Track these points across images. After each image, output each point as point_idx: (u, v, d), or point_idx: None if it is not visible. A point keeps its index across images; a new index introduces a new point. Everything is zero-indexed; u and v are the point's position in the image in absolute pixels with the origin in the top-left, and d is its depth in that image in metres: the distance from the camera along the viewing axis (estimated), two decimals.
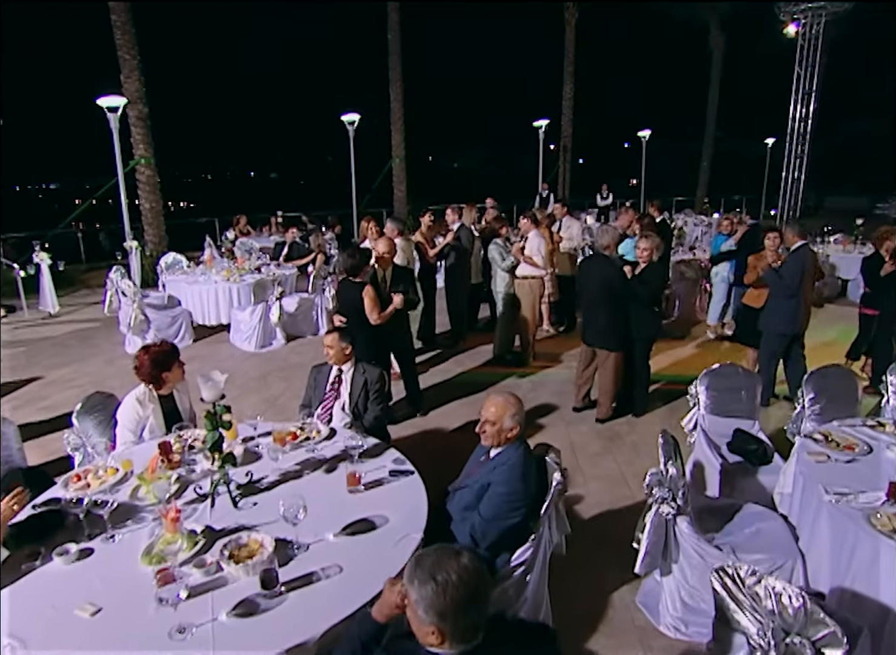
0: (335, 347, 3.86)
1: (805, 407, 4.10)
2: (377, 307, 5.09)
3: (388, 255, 5.38)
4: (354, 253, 5.29)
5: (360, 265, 5.18)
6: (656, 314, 5.52)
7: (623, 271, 5.25)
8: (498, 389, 6.35)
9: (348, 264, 5.23)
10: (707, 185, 23.87)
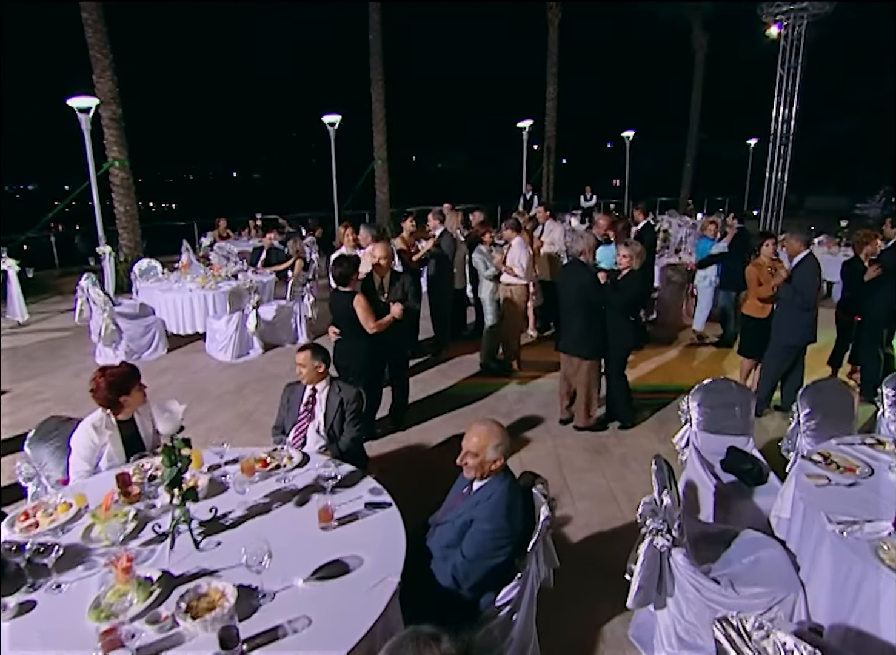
0: (307, 365, 3.64)
1: (800, 423, 3.95)
2: (372, 316, 4.86)
3: (384, 260, 5.20)
4: (341, 261, 5.06)
5: (347, 274, 4.93)
6: (632, 324, 5.30)
7: (597, 277, 5.11)
8: (483, 403, 6.16)
9: (336, 273, 5.00)
10: (691, 186, 23.88)
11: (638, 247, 5.13)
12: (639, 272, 5.19)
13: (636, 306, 5.37)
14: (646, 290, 5.86)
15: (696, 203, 24.28)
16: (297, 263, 8.70)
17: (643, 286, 5.39)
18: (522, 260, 6.69)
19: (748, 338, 5.87)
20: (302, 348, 3.70)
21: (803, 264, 5.35)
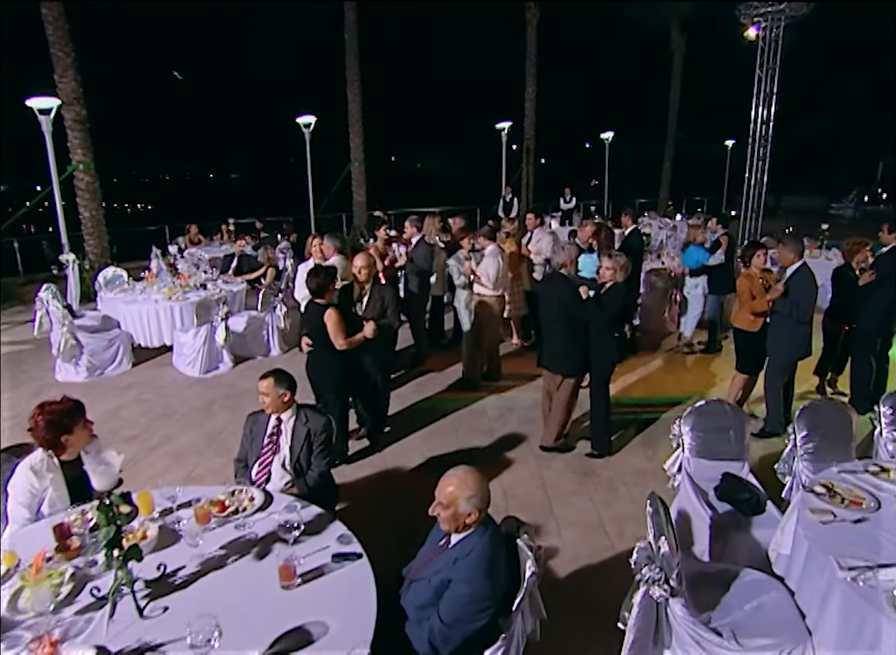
0: (271, 394, 3.35)
1: (797, 446, 3.75)
2: (342, 331, 4.62)
3: (365, 270, 4.92)
4: (318, 272, 4.79)
5: (323, 285, 4.67)
6: (615, 341, 4.97)
7: (578, 292, 4.81)
8: (462, 419, 5.89)
9: (312, 285, 4.76)
10: (669, 186, 23.87)
11: (622, 259, 4.87)
12: (623, 285, 4.92)
13: (620, 321, 5.06)
14: (631, 303, 5.57)
15: (674, 204, 24.32)
16: (270, 271, 8.37)
17: (628, 300, 5.13)
18: (490, 271, 6.38)
19: (743, 353, 5.64)
20: (264, 376, 3.40)
21: (799, 275, 5.13)
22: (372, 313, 4.87)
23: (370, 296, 4.92)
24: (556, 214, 18.85)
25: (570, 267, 4.93)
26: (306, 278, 4.84)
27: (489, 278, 6.36)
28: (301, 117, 14.24)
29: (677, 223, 17.28)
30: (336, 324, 4.59)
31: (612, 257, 4.85)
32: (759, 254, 5.50)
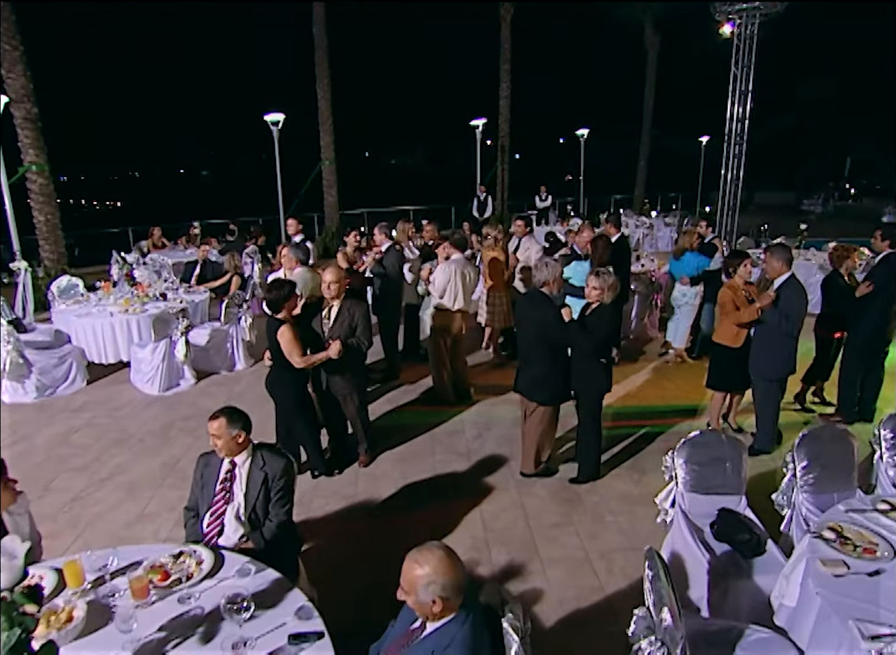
0: (223, 436, 2.99)
1: (797, 476, 3.50)
2: (297, 349, 4.35)
3: (334, 286, 4.54)
4: (276, 285, 4.48)
5: (278, 300, 4.37)
6: (602, 367, 4.57)
7: (561, 314, 4.44)
8: (437, 439, 5.56)
9: (267, 298, 4.46)
10: (645, 184, 23.78)
11: (611, 278, 4.47)
12: (610, 307, 4.54)
13: (607, 346, 4.67)
14: (619, 326, 5.21)
15: (650, 201, 24.26)
16: (234, 279, 7.95)
17: (616, 323, 4.79)
18: (438, 280, 5.96)
19: (719, 370, 5.38)
20: (215, 416, 3.04)
21: (788, 287, 4.89)
22: (339, 330, 4.51)
23: (338, 312, 4.56)
24: (532, 213, 18.64)
25: (552, 286, 4.57)
26: (265, 291, 4.58)
27: (436, 288, 6.01)
28: (269, 115, 13.75)
29: (654, 221, 17.19)
30: (289, 342, 4.31)
31: (599, 276, 4.47)
32: (746, 263, 5.26)
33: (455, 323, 6.09)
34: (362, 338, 4.51)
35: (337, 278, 4.51)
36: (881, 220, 21.19)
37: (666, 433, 5.69)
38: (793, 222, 22.03)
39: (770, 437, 5.26)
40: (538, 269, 4.62)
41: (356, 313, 4.51)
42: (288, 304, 4.41)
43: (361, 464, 4.99)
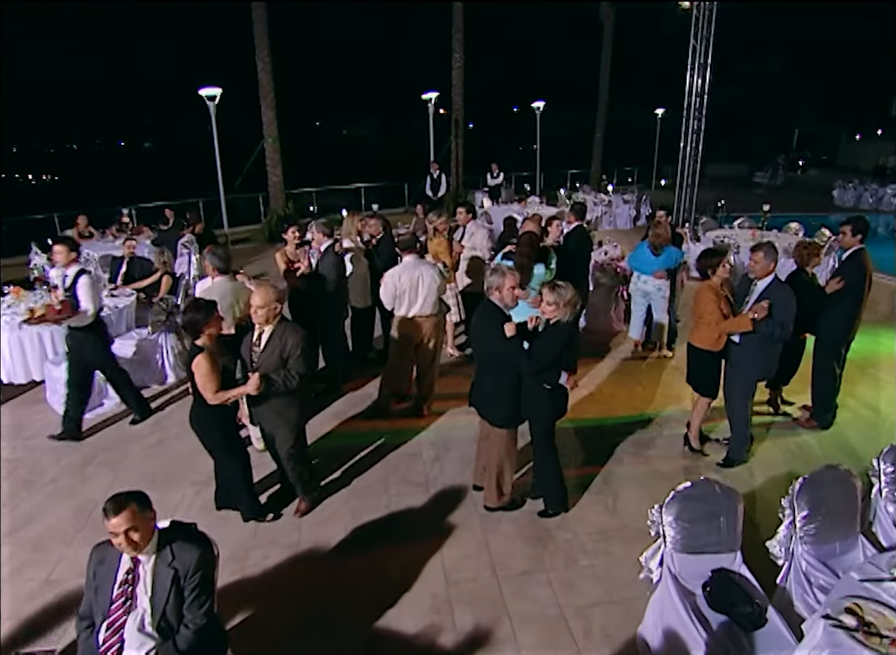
0: (139, 527, 2.40)
1: (796, 526, 3.11)
2: (212, 383, 3.74)
3: (262, 310, 3.84)
4: (192, 307, 3.85)
5: (195, 324, 3.76)
6: (549, 394, 4.00)
7: (503, 328, 3.87)
8: (391, 465, 5.02)
9: (183, 322, 3.86)
10: (602, 158, 23.36)
11: (569, 293, 3.85)
12: (567, 327, 3.90)
13: (556, 371, 3.99)
14: (575, 347, 4.54)
15: (606, 174, 23.91)
16: (164, 280, 7.18)
17: (569, 344, 3.97)
18: (386, 286, 5.43)
19: (702, 375, 5.00)
20: (117, 505, 2.41)
21: (778, 290, 4.53)
22: (267, 361, 3.86)
23: (269, 339, 3.91)
24: (485, 190, 18.04)
25: (503, 294, 3.98)
26: (181, 312, 3.95)
27: (384, 298, 5.48)
28: (204, 89, 12.71)
29: (612, 198, 16.81)
30: (205, 374, 3.71)
31: (555, 290, 3.88)
32: (724, 263, 4.82)
33: (416, 332, 5.51)
34: (292, 372, 3.83)
35: (265, 302, 3.83)
36: (832, 193, 21.39)
37: (636, 445, 5.31)
38: (746, 195, 22.23)
39: (744, 444, 4.99)
40: (490, 273, 4.06)
41: (289, 342, 3.85)
42: (208, 327, 3.79)
43: (297, 513, 4.35)
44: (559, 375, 3.95)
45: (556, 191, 21.29)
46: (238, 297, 4.87)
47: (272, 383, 3.75)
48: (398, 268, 5.44)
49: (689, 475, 4.81)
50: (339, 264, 5.92)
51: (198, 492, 4.62)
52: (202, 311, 3.79)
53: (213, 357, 3.76)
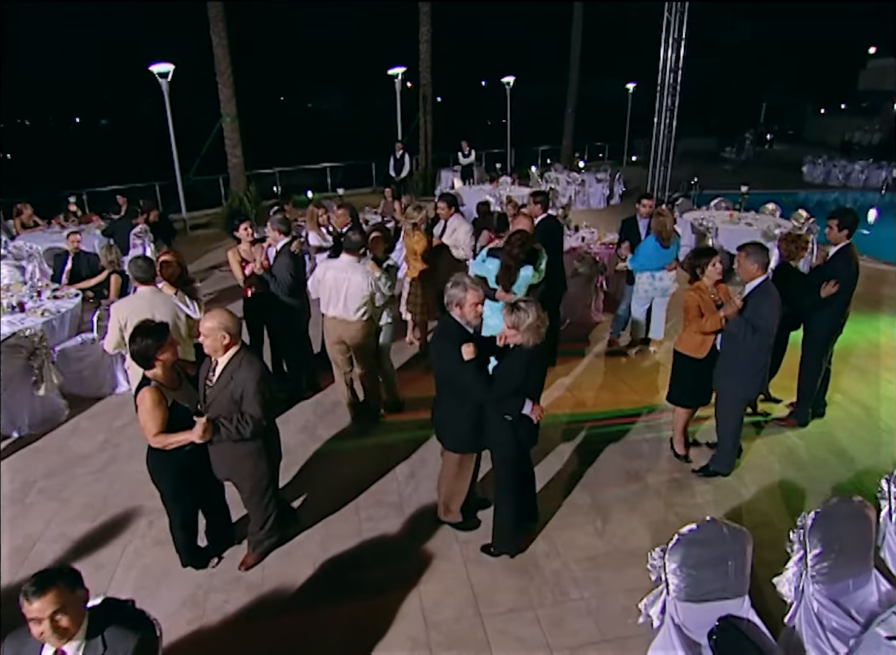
0: (45, 621, 2.00)
1: (807, 564, 2.85)
2: (154, 423, 3.25)
3: (209, 341, 3.32)
4: (141, 332, 3.27)
5: (147, 350, 3.23)
6: (511, 426, 3.55)
7: (460, 348, 3.45)
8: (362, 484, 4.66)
9: (132, 349, 3.29)
10: (573, 134, 22.91)
11: (530, 316, 3.28)
12: (529, 353, 3.38)
13: (517, 400, 3.49)
14: (539, 375, 4.05)
15: (577, 150, 23.50)
16: (113, 279, 6.62)
17: (532, 368, 3.51)
18: (312, 279, 5.16)
19: (680, 383, 4.75)
20: (38, 591, 2.01)
21: (761, 293, 4.25)
22: (217, 399, 3.35)
23: (221, 373, 3.37)
24: (456, 169, 17.53)
25: (463, 310, 3.55)
26: (129, 341, 3.41)
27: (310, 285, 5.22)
28: (156, 65, 11.91)
29: (585, 177, 16.45)
30: (148, 411, 3.22)
31: (514, 312, 3.33)
32: (715, 262, 4.52)
33: (334, 332, 5.15)
34: (246, 417, 3.26)
35: (208, 330, 3.25)
36: (801, 169, 21.35)
37: (623, 453, 5.05)
38: (716, 171, 22.10)
39: (730, 459, 4.74)
40: (450, 284, 3.65)
41: (240, 379, 3.27)
42: (162, 353, 3.26)
43: (242, 566, 3.82)
44: (522, 404, 3.47)
45: (528, 169, 20.87)
46: (154, 314, 4.15)
47: (220, 429, 3.23)
48: (329, 263, 5.11)
49: (681, 490, 4.59)
50: (296, 266, 5.38)
51: (151, 523, 4.19)
52: (153, 335, 3.25)
53: (160, 393, 3.26)
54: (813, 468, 4.86)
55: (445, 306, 3.65)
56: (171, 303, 4.51)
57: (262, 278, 5.41)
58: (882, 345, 7.12)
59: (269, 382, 3.31)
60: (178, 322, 4.39)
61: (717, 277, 4.48)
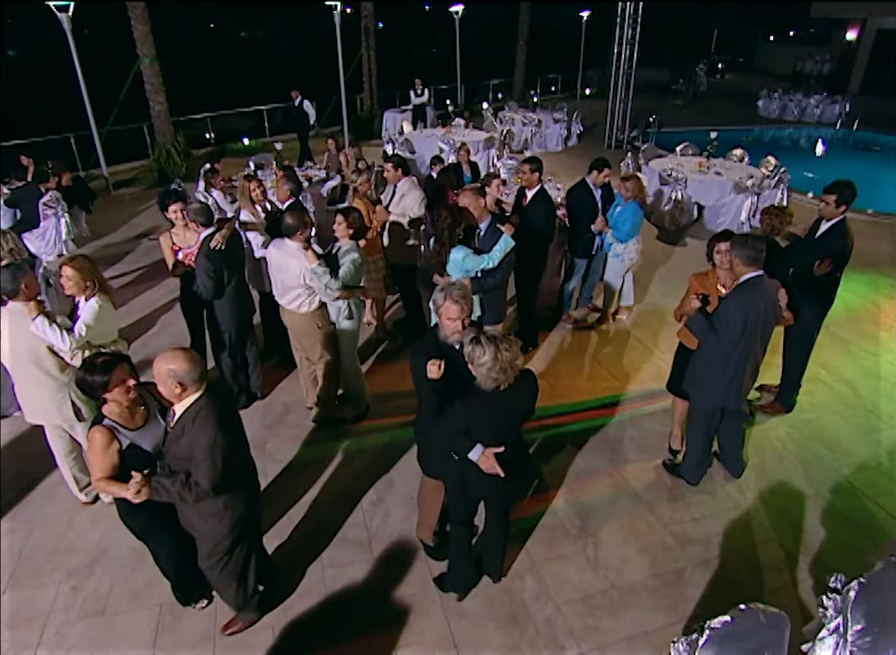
0: None
1: (848, 640, 2.47)
2: (97, 468, 2.80)
3: (160, 384, 2.64)
4: (85, 369, 2.79)
5: (93, 388, 2.77)
6: (458, 464, 3.06)
7: (426, 365, 2.94)
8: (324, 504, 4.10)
9: (77, 382, 2.84)
10: (524, 67, 21.73)
11: (485, 355, 2.67)
12: (486, 397, 2.80)
13: (462, 440, 2.95)
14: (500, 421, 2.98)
15: (527, 84, 22.39)
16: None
17: (486, 418, 2.92)
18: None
19: (679, 374, 4.31)
20: None
21: (741, 291, 3.64)
22: (170, 450, 2.74)
23: (177, 422, 2.71)
24: (406, 109, 16.37)
25: (440, 319, 3.07)
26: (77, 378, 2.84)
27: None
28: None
29: (542, 117, 15.56)
30: (93, 453, 2.79)
31: (472, 344, 2.74)
32: (721, 249, 3.97)
33: (286, 320, 4.67)
34: (191, 482, 2.65)
35: (160, 377, 2.59)
36: (757, 103, 20.85)
37: (607, 453, 4.62)
38: (671, 107, 21.45)
39: (697, 470, 4.34)
40: (438, 289, 3.06)
41: (191, 440, 2.62)
42: (111, 392, 2.76)
43: (225, 630, 3.29)
44: (471, 446, 2.92)
45: (479, 106, 19.73)
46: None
47: (160, 491, 2.65)
48: (278, 242, 4.40)
49: (674, 501, 4.20)
50: (215, 266, 4.48)
51: (76, 588, 3.56)
52: (97, 373, 2.74)
53: (110, 434, 2.77)
54: (809, 465, 4.54)
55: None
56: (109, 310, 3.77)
57: (189, 273, 4.64)
58: (859, 310, 6.85)
59: (228, 444, 2.63)
60: (39, 353, 3.60)
61: (724, 264, 3.93)
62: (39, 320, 3.46)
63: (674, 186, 9.18)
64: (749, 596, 3.39)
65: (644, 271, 7.77)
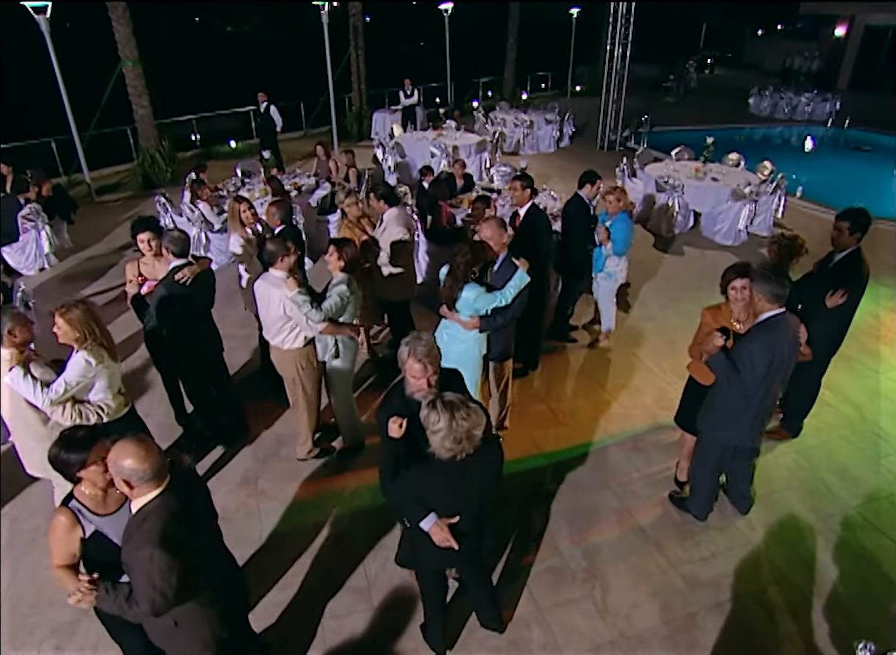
0: None
1: None
2: (57, 555, 2.49)
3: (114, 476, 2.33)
4: (59, 441, 2.54)
5: (68, 466, 2.50)
6: (412, 532, 2.92)
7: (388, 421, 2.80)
8: (323, 559, 3.93)
9: (50, 459, 2.53)
10: (514, 65, 21.48)
11: (440, 422, 2.47)
12: (441, 466, 2.56)
13: (416, 508, 2.79)
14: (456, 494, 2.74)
15: (517, 81, 22.17)
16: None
17: (442, 488, 2.71)
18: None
19: (690, 408, 4.16)
20: None
21: (764, 330, 3.44)
22: (127, 548, 2.33)
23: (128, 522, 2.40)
24: (396, 108, 16.11)
25: (405, 374, 2.92)
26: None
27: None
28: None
29: (534, 118, 15.37)
30: (56, 540, 2.49)
31: (428, 407, 2.53)
32: (737, 286, 3.76)
33: (272, 358, 4.44)
34: (133, 599, 2.30)
35: (111, 470, 2.29)
36: (748, 101, 20.74)
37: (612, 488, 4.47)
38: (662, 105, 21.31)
39: (703, 506, 4.20)
40: (404, 341, 2.89)
41: (131, 551, 2.24)
42: (87, 472, 2.49)
43: None
44: (422, 516, 2.72)
45: (469, 104, 19.51)
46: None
47: (105, 600, 2.33)
48: (261, 276, 4.19)
49: (683, 539, 4.07)
50: (170, 301, 4.22)
51: (59, 648, 3.38)
52: (73, 449, 2.47)
53: (73, 519, 2.48)
54: (818, 496, 4.43)
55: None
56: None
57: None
58: (859, 323, 6.72)
59: (171, 560, 2.20)
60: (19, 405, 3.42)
61: (740, 299, 3.74)
62: (15, 371, 3.26)
63: (670, 194, 9.04)
64: (763, 643, 3.30)
65: (640, 282, 7.65)
